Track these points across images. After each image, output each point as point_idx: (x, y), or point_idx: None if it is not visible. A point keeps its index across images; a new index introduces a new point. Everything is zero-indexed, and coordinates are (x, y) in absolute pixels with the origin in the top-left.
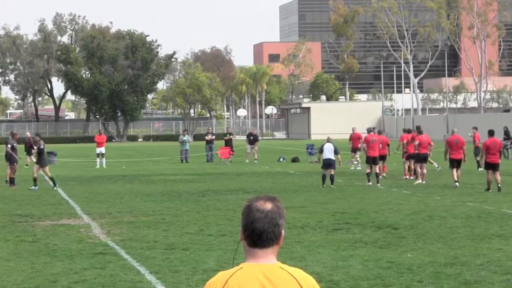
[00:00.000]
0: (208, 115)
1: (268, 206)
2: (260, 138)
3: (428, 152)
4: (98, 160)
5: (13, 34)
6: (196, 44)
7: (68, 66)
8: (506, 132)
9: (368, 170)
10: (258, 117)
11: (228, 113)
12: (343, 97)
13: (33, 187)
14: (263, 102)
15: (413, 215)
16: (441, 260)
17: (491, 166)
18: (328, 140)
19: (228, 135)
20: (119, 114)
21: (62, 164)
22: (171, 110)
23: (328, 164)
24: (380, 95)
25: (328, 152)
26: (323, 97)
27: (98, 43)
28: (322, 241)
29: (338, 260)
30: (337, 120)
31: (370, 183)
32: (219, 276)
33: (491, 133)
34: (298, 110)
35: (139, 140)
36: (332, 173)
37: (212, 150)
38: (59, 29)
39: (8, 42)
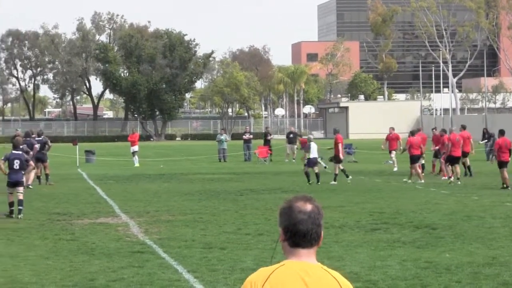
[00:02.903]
0: (246, 114)
1: (309, 206)
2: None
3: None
4: (135, 158)
5: (51, 33)
6: (234, 43)
7: (106, 65)
8: (486, 133)
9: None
10: (296, 116)
11: (266, 112)
12: (382, 96)
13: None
14: (301, 102)
15: (451, 215)
16: (480, 260)
17: (504, 164)
18: (312, 140)
19: (267, 134)
20: (157, 113)
21: (100, 162)
22: (209, 109)
23: (314, 162)
24: (418, 94)
25: (315, 151)
26: (361, 97)
27: (136, 42)
28: (360, 240)
29: (376, 260)
30: (375, 119)
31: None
32: (260, 272)
33: (502, 132)
34: (336, 110)
35: (177, 139)
36: (317, 171)
37: (250, 149)
38: (97, 28)
39: (47, 41)
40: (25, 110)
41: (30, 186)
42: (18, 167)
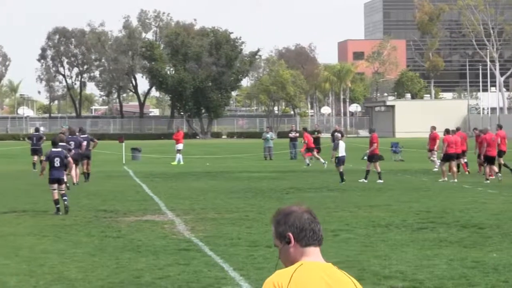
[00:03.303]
0: (292, 112)
1: (306, 210)
2: (345, 136)
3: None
4: (177, 156)
5: (98, 31)
6: (280, 42)
7: (153, 63)
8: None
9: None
10: (342, 115)
11: (312, 111)
12: (428, 95)
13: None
14: (347, 100)
15: (499, 214)
16: None
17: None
18: (340, 138)
19: (316, 132)
20: (203, 111)
21: (146, 160)
22: (255, 107)
23: (343, 161)
24: (465, 93)
25: (343, 150)
26: (408, 95)
27: (182, 40)
28: (407, 240)
29: (422, 259)
30: (422, 118)
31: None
32: (281, 273)
33: (500, 126)
34: (383, 108)
35: (223, 137)
36: (341, 170)
37: (296, 147)
38: (143, 25)
39: (93, 38)
40: (71, 107)
41: (75, 183)
42: (58, 165)
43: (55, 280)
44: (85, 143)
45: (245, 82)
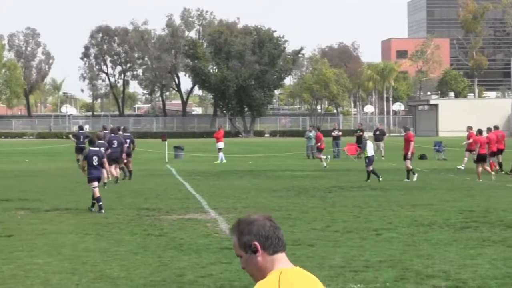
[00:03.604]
0: (335, 111)
1: (268, 217)
2: (387, 134)
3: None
4: (220, 155)
5: (141, 29)
6: (323, 40)
7: (196, 61)
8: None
9: None
10: (385, 113)
11: (355, 109)
12: (472, 94)
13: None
14: (391, 99)
15: None
16: None
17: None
18: (367, 138)
19: (359, 131)
20: (246, 109)
21: (189, 158)
22: (298, 106)
23: (372, 160)
24: (509, 92)
25: (371, 149)
26: (452, 94)
27: (225, 39)
28: (450, 239)
29: (465, 258)
30: (465, 117)
31: None
32: (266, 284)
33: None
34: (426, 107)
35: (266, 135)
36: (371, 169)
37: (339, 146)
38: (186, 24)
39: (136, 37)
40: (114, 106)
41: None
42: (96, 163)
43: (98, 278)
44: (128, 141)
45: (288, 81)
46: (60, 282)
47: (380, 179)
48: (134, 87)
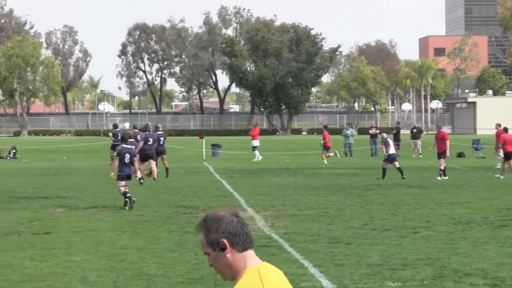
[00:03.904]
0: (372, 108)
1: (234, 214)
2: (424, 132)
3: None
4: (256, 153)
5: (178, 27)
6: (360, 38)
7: (233, 59)
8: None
9: None
10: (423, 111)
11: (392, 107)
12: (510, 92)
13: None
14: (428, 96)
15: None
16: None
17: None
18: (387, 137)
19: (395, 129)
20: (283, 107)
21: (226, 156)
22: (335, 104)
23: (393, 158)
24: None
25: (392, 147)
26: (490, 92)
27: (262, 36)
28: (488, 237)
29: (504, 256)
30: (504, 115)
31: None
32: (250, 283)
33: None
34: (464, 105)
35: (303, 133)
36: (398, 166)
37: (376, 144)
38: (224, 21)
39: (174, 34)
40: (152, 103)
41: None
42: (128, 161)
43: (135, 275)
44: (162, 138)
45: (326, 78)
46: (98, 280)
47: (383, 179)
48: (172, 84)
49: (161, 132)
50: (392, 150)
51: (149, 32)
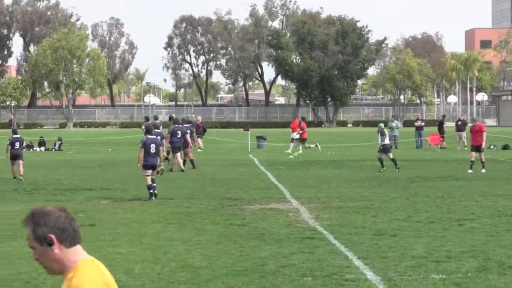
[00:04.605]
0: (418, 101)
1: (62, 209)
2: (469, 124)
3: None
4: (291, 145)
5: (224, 19)
6: (406, 30)
7: (279, 51)
8: None
9: None
10: (468, 103)
11: (438, 100)
12: None
13: None
14: (474, 89)
15: None
16: None
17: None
18: (383, 127)
19: (438, 122)
20: (329, 99)
21: (271, 148)
22: (381, 96)
23: (388, 148)
24: None
25: (387, 138)
26: None
27: (308, 28)
28: None
29: None
30: None
31: None
32: (91, 274)
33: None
34: (510, 97)
35: (349, 125)
36: (392, 157)
37: (422, 136)
38: (270, 14)
39: (220, 27)
40: (197, 95)
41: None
42: (154, 151)
43: (180, 267)
44: (188, 131)
45: (371, 71)
46: (143, 272)
47: (383, 170)
48: (217, 77)
49: (189, 125)
50: (387, 141)
51: (195, 24)
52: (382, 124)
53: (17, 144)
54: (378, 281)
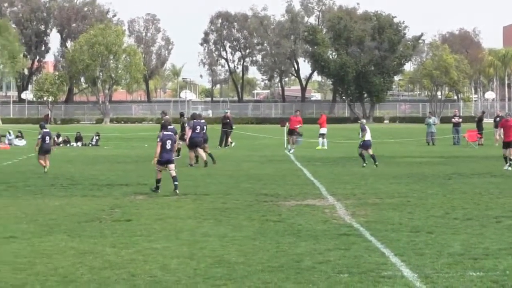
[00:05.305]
0: (455, 97)
1: None
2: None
3: None
4: (320, 140)
5: (260, 15)
6: (443, 26)
7: (315, 47)
8: None
9: None
10: (506, 100)
11: (475, 96)
12: None
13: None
14: None
15: None
16: None
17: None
18: (365, 123)
19: (477, 118)
20: (365, 95)
21: (308, 144)
22: (418, 92)
23: (368, 145)
24: None
25: (369, 135)
26: None
27: (345, 24)
28: None
29: None
30: None
31: None
32: None
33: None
34: None
35: (385, 121)
36: (371, 153)
37: (459, 132)
38: (306, 10)
39: (256, 23)
40: (233, 91)
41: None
42: (170, 147)
43: (216, 263)
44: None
45: (408, 67)
46: (178, 267)
47: (365, 164)
48: (253, 72)
49: (203, 121)
50: (368, 137)
51: (231, 20)
52: (364, 120)
53: (47, 139)
54: (414, 278)
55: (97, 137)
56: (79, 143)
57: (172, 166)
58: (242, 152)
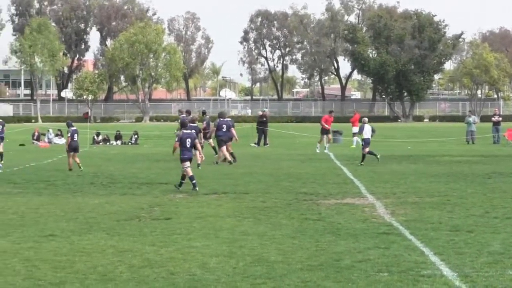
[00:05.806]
0: (495, 96)
1: None
2: None
3: None
4: (354, 139)
5: (300, 14)
6: (484, 24)
7: (355, 46)
8: None
9: None
10: None
11: None
12: None
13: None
14: None
15: None
16: None
17: None
18: (366, 122)
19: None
20: (405, 94)
21: (348, 143)
22: (458, 91)
23: (368, 143)
24: None
25: (369, 133)
26: None
27: (385, 23)
28: None
29: None
30: None
31: None
32: None
33: None
34: None
35: (425, 120)
36: (367, 151)
37: (499, 131)
38: (346, 8)
39: (296, 21)
40: (273, 90)
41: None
42: (189, 145)
43: (255, 261)
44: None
45: (448, 66)
46: (217, 266)
47: (378, 156)
48: (293, 71)
49: (229, 119)
50: (367, 135)
51: (271, 18)
52: (366, 119)
53: (75, 136)
54: (454, 277)
55: (136, 136)
56: (119, 142)
57: (188, 163)
58: (281, 151)
